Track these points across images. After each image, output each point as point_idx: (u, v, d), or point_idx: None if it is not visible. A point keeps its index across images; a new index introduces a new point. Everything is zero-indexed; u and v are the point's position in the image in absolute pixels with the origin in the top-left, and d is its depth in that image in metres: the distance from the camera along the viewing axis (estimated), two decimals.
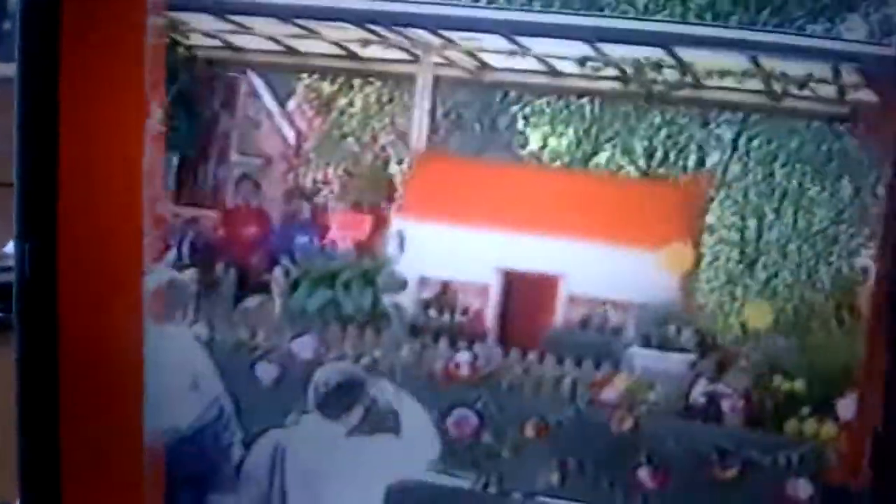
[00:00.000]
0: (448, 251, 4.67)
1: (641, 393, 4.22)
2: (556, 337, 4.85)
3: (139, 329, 2.97)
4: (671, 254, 4.64)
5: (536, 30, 6.24)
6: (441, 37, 6.05)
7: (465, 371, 4.40)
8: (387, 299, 4.56)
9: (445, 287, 4.68)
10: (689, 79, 6.38)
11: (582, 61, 5.22)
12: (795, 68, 5.75)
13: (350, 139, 7.21)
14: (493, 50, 6.49)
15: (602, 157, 8.47)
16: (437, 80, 6.84)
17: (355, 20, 6.58)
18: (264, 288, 5.39)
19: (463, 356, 4.41)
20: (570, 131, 8.71)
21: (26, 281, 2.72)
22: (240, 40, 7.53)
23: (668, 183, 5.87)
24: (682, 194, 5.39)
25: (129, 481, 3.03)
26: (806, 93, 5.84)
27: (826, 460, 3.03)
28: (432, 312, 4.61)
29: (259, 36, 7.32)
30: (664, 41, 6.49)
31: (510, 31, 5.94)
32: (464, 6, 5.58)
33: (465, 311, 4.59)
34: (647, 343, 4.42)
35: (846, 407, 3.19)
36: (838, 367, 4.05)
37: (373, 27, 6.48)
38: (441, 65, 6.35)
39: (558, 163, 8.51)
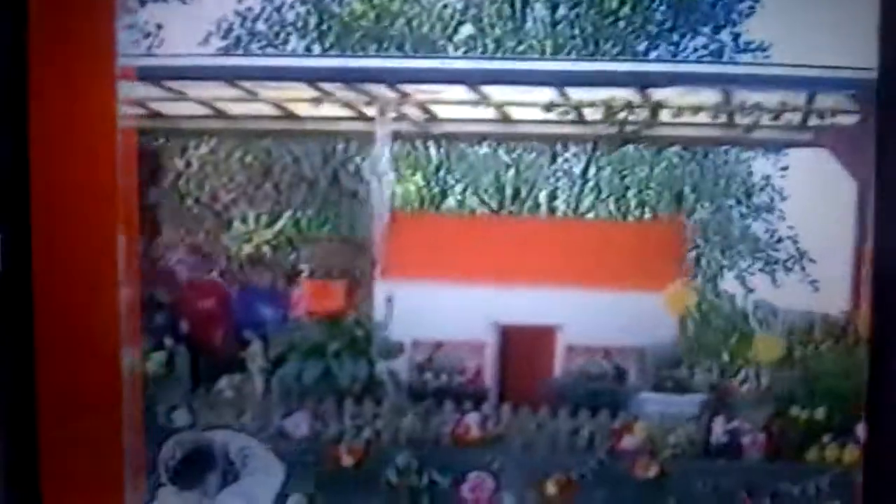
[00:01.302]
0: (438, 311, 4.52)
1: (662, 438, 4.16)
2: (559, 389, 4.70)
3: (115, 319, 2.80)
4: (672, 294, 4.59)
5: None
6: (398, 91, 5.91)
7: (475, 432, 4.26)
8: (381, 366, 4.39)
9: (439, 348, 4.52)
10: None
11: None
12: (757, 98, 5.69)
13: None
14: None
15: (451, 200, 8.25)
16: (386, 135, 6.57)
17: (305, 78, 6.32)
18: (234, 366, 5.11)
19: (472, 417, 4.27)
20: (418, 176, 8.48)
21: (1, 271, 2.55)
22: (171, 108, 7.20)
23: (648, 225, 5.81)
24: (665, 235, 5.33)
25: (109, 478, 2.91)
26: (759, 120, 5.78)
27: (854, 484, 3.01)
28: (428, 375, 4.45)
29: (192, 101, 6.99)
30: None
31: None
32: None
33: (461, 371, 4.44)
34: (657, 387, 4.34)
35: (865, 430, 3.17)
36: (852, 391, 4.01)
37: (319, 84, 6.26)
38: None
39: (409, 208, 8.31)
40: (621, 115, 5.59)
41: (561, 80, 5.39)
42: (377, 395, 4.92)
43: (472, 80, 5.88)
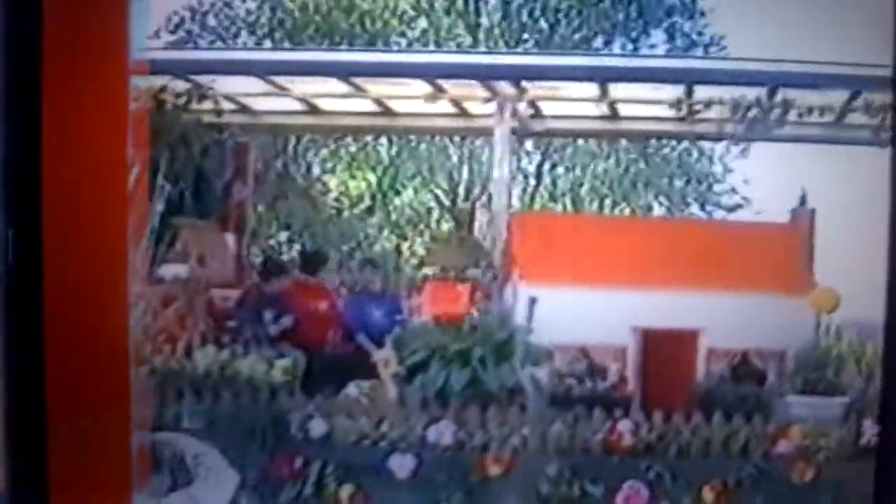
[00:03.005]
0: (578, 314, 4.49)
1: (815, 441, 4.19)
2: (703, 393, 4.68)
3: (125, 316, 2.84)
4: (820, 296, 4.60)
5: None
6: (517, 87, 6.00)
7: (628, 440, 4.26)
8: (523, 373, 4.37)
9: (580, 352, 4.50)
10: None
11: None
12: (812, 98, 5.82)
13: (414, 200, 6.83)
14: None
15: (406, 196, 8.57)
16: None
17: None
18: (358, 372, 5.05)
19: (623, 425, 4.26)
20: (370, 173, 8.66)
21: (11, 268, 2.56)
22: (254, 103, 7.26)
23: (777, 227, 5.76)
24: (792, 237, 5.31)
25: (117, 474, 2.86)
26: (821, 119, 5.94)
27: None
28: (570, 381, 4.44)
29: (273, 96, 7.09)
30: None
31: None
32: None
33: (602, 376, 4.44)
34: (803, 390, 4.37)
35: None
36: None
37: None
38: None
39: (362, 205, 8.57)
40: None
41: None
42: (519, 401, 4.90)
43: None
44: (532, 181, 9.32)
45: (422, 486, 4.78)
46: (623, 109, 6.86)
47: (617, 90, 6.46)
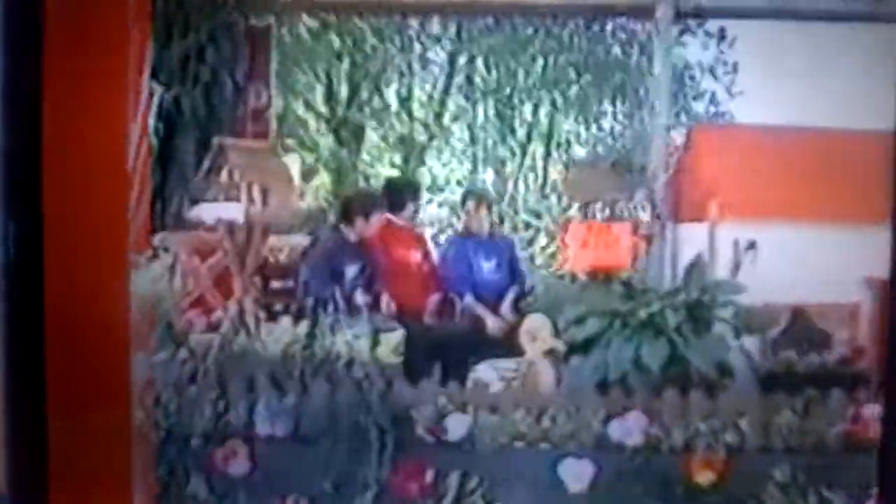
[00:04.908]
0: (791, 262, 3.41)
1: None
2: None
3: (126, 310, 2.88)
4: None
5: None
6: None
7: (875, 430, 3.23)
8: (734, 345, 3.34)
9: (797, 314, 3.45)
10: None
11: None
12: None
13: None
14: None
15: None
16: None
17: None
18: (483, 348, 3.86)
19: (871, 410, 3.23)
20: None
21: (12, 261, 2.60)
22: None
23: None
24: None
25: (118, 474, 2.91)
26: None
27: None
28: (788, 354, 3.39)
29: None
30: None
31: None
32: None
33: (827, 345, 3.42)
34: None
35: None
36: None
37: None
38: None
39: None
40: None
41: None
42: (727, 383, 3.83)
43: None
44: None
45: (604, 501, 3.67)
46: None
47: None
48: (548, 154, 6.98)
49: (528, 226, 6.73)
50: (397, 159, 7.67)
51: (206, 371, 4.14)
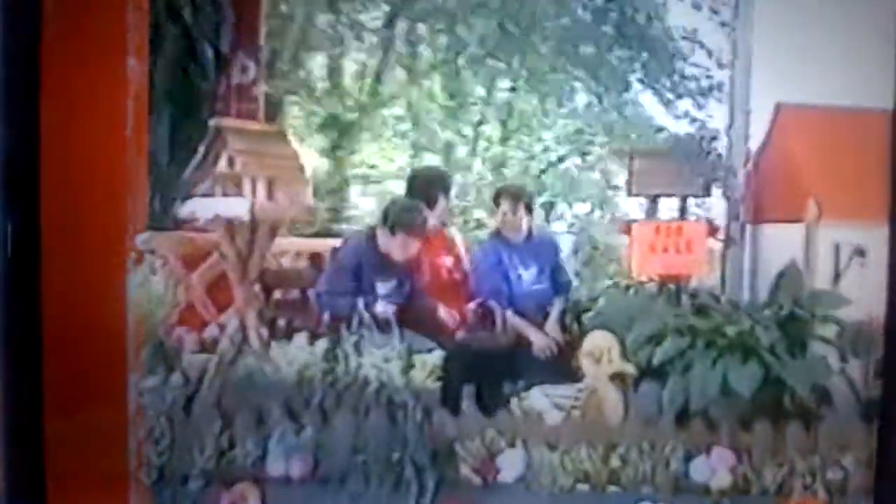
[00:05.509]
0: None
1: None
2: None
3: (123, 309, 2.90)
4: None
5: None
6: None
7: None
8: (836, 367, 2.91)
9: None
10: None
11: None
12: None
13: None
14: None
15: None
16: None
17: None
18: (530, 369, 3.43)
19: None
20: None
21: (9, 259, 2.65)
22: None
23: None
24: None
25: (114, 474, 2.90)
26: None
27: None
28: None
29: None
30: None
31: None
32: None
33: None
34: None
35: None
36: None
37: None
38: None
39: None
40: None
41: None
42: (825, 413, 3.35)
43: None
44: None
45: None
46: None
47: None
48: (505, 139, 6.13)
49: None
50: (324, 143, 6.80)
51: (203, 398, 3.65)
